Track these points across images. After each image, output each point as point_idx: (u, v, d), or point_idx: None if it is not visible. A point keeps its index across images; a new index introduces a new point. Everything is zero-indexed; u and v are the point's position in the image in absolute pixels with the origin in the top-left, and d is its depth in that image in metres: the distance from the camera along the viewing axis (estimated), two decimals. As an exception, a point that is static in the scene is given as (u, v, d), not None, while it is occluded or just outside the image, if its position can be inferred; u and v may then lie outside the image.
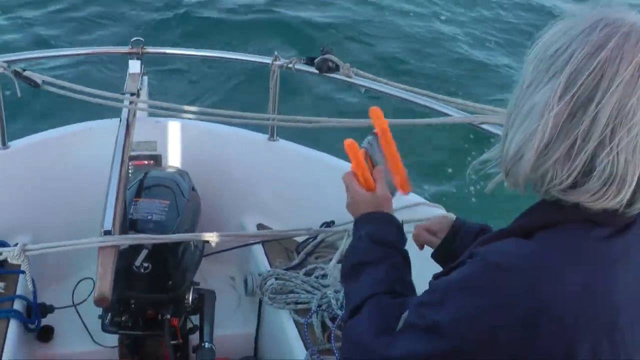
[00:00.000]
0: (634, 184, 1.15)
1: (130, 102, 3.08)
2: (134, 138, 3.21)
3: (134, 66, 3.40)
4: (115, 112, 3.16)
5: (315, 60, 2.91)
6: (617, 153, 1.13)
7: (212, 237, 2.31)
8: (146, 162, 3.34)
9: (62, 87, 2.92)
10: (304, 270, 2.87)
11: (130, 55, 3.39)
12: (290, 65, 3.03)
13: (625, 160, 1.13)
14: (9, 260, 2.36)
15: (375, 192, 1.70)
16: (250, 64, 3.71)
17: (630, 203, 1.18)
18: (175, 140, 3.46)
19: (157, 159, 3.37)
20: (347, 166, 3.36)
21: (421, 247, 1.85)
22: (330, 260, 2.65)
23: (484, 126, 2.60)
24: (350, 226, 1.78)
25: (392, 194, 1.74)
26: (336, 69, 2.89)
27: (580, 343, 1.18)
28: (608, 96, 1.12)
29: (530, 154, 1.19)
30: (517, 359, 1.20)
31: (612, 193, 1.15)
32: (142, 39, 3.42)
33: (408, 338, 1.33)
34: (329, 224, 3.02)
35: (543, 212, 1.26)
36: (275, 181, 3.40)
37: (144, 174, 2.92)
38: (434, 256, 1.81)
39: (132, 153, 3.28)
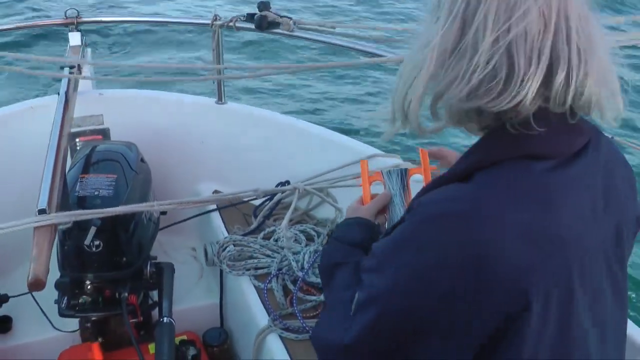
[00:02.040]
0: (534, 77, 1.10)
1: (71, 73, 2.98)
2: (79, 113, 3.10)
3: (74, 38, 3.28)
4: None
5: (255, 17, 2.81)
6: (508, 49, 1.10)
7: (152, 207, 2.19)
8: (93, 137, 3.23)
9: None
10: (262, 234, 2.79)
11: (68, 28, 3.27)
12: (231, 24, 2.92)
13: (518, 56, 1.09)
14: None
15: (363, 205, 1.69)
16: (190, 25, 3.60)
17: (547, 98, 1.12)
18: (122, 112, 3.34)
19: (104, 133, 3.25)
20: (298, 124, 3.29)
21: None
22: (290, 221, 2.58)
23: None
24: (302, 184, 1.72)
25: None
26: (276, 25, 2.78)
27: (533, 287, 1.11)
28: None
29: (425, 73, 1.17)
30: (471, 316, 1.13)
31: (512, 90, 1.10)
32: (76, 8, 3.30)
33: (358, 316, 1.27)
34: (284, 184, 2.94)
35: (479, 152, 1.20)
36: (227, 145, 3.32)
37: (90, 149, 2.81)
38: None
39: (79, 129, 3.17)
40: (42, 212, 2.10)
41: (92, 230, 2.31)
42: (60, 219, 2.13)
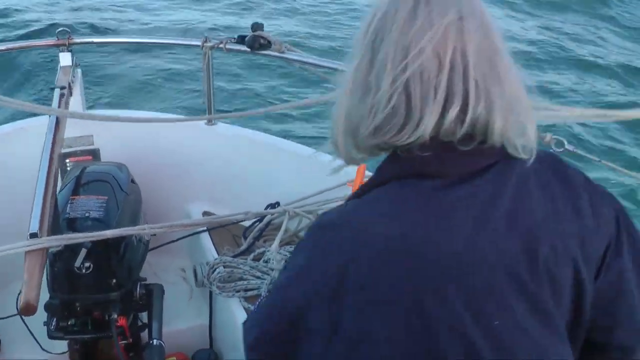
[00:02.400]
0: (431, 114, 1.16)
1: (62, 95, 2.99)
2: (70, 133, 3.11)
3: (65, 59, 3.30)
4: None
5: (246, 39, 2.83)
6: (406, 87, 1.16)
7: (143, 230, 2.18)
8: (83, 158, 3.24)
9: None
10: (252, 255, 2.80)
11: (59, 48, 3.28)
12: (221, 46, 2.95)
13: (415, 94, 1.16)
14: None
15: None
16: (181, 47, 3.62)
17: (436, 134, 1.18)
18: (112, 132, 3.35)
19: (94, 153, 3.27)
20: (288, 145, 3.31)
21: None
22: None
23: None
24: (291, 207, 1.74)
25: None
26: (268, 45, 2.81)
27: (388, 302, 1.18)
28: (389, 36, 1.18)
29: (341, 113, 1.27)
30: (336, 318, 1.20)
31: (411, 127, 1.17)
32: (67, 29, 3.31)
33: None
34: (274, 206, 2.95)
35: (377, 172, 1.28)
36: (217, 166, 3.33)
37: (80, 170, 2.82)
38: None
39: (69, 149, 3.18)
40: (33, 236, 2.10)
41: (83, 252, 2.32)
42: (52, 243, 2.13)
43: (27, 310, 1.95)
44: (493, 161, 1.23)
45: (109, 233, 2.28)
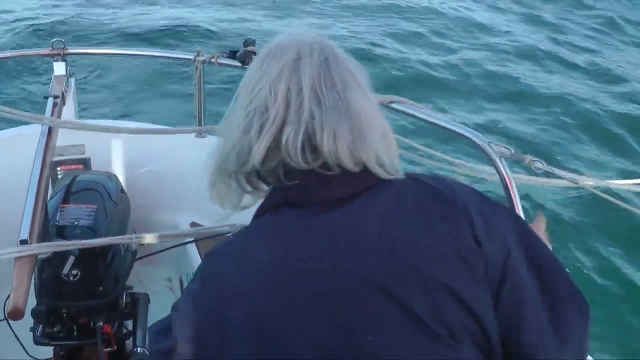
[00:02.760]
0: (261, 143, 1.34)
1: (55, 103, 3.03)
2: (61, 142, 3.14)
3: (59, 68, 3.34)
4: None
5: (238, 54, 2.88)
6: (249, 119, 1.36)
7: (130, 240, 2.23)
8: (74, 167, 3.27)
9: None
10: (238, 265, 2.84)
11: (54, 58, 3.33)
12: (213, 60, 3.00)
13: (254, 125, 1.35)
14: None
15: None
16: (174, 60, 3.67)
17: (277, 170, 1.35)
18: (103, 142, 3.39)
19: (85, 163, 3.31)
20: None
21: None
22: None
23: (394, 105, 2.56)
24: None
25: None
26: (260, 60, 2.86)
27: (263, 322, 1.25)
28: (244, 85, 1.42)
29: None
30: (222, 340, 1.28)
31: (248, 155, 1.37)
32: (62, 39, 3.36)
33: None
34: (260, 218, 2.99)
35: (260, 204, 1.43)
36: (206, 178, 3.36)
37: (71, 179, 2.86)
38: None
39: (60, 158, 3.21)
40: (23, 242, 2.14)
41: (71, 259, 2.36)
42: (41, 250, 2.17)
43: (15, 315, 1.99)
44: (361, 189, 1.34)
45: (97, 241, 2.32)
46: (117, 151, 3.37)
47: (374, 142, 1.34)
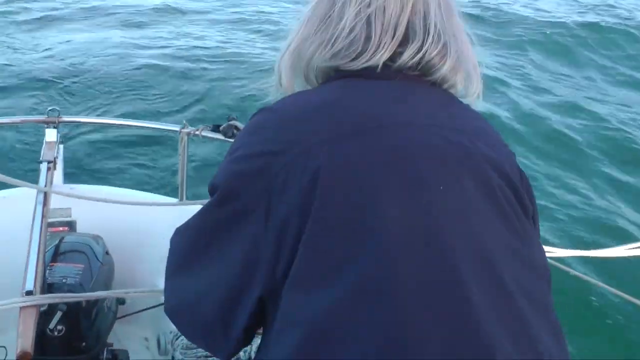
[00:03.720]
0: (386, 48, 1.28)
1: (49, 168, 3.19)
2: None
3: (51, 135, 3.51)
4: (29, 179, 3.24)
5: (221, 127, 3.09)
6: (368, 19, 1.28)
7: (127, 293, 2.42)
8: (61, 229, 3.43)
9: None
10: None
11: (47, 125, 3.51)
12: (197, 133, 3.20)
13: (375, 27, 1.28)
14: None
15: None
16: (160, 131, 3.86)
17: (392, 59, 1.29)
18: (89, 206, 3.56)
19: (71, 225, 3.46)
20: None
21: None
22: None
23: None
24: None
25: None
26: (242, 134, 3.05)
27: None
28: None
29: (298, 38, 1.37)
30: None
31: (366, 56, 1.28)
32: (58, 108, 3.55)
33: None
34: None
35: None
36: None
37: (60, 239, 3.03)
38: None
39: (48, 219, 3.37)
40: (29, 293, 2.27)
41: (58, 314, 2.51)
42: (45, 301, 2.32)
43: (24, 358, 2.13)
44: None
45: (95, 294, 2.52)
46: (102, 214, 3.54)
47: (468, 67, 1.35)
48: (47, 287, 2.63)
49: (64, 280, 2.67)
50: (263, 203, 1.17)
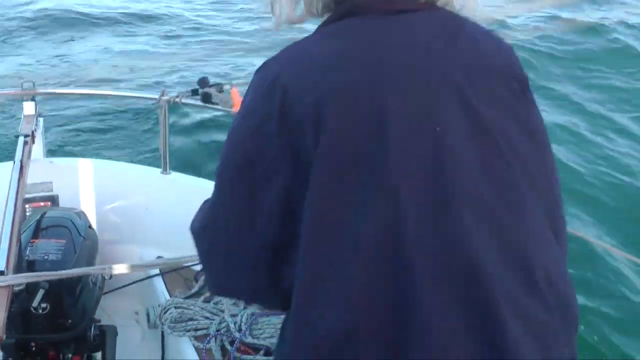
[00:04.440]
0: None
1: (26, 142, 3.11)
2: (29, 180, 3.23)
3: (29, 108, 3.42)
4: (8, 155, 3.16)
5: (200, 91, 2.99)
6: None
7: (104, 270, 2.32)
8: (42, 204, 3.36)
9: None
10: (202, 297, 2.93)
11: (23, 98, 3.42)
12: (177, 100, 3.11)
13: None
14: None
15: None
16: (139, 99, 3.78)
17: None
18: (70, 180, 3.48)
19: (53, 200, 3.39)
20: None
21: None
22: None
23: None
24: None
25: None
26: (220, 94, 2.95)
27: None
28: None
29: None
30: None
31: None
32: (33, 81, 3.45)
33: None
34: (224, 251, 3.08)
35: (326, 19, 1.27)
36: (171, 213, 3.45)
37: (41, 214, 2.95)
38: None
39: (28, 195, 3.29)
40: (0, 273, 2.21)
41: (40, 292, 2.44)
42: (17, 281, 2.22)
43: None
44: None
45: (70, 272, 2.40)
46: (84, 188, 3.46)
47: None
48: (28, 265, 2.56)
49: (45, 257, 2.60)
50: (287, 156, 1.12)
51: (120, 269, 2.26)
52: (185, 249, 3.27)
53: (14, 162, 2.95)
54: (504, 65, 1.22)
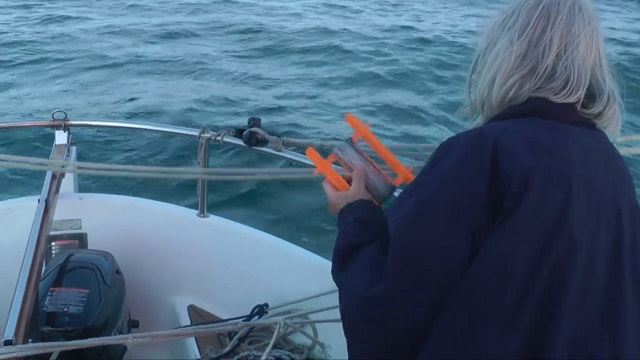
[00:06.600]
0: (587, 83, 1.49)
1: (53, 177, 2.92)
2: (58, 216, 3.02)
3: (61, 137, 3.24)
4: (38, 190, 2.97)
5: (244, 134, 2.77)
6: (571, 62, 1.49)
7: (126, 340, 2.02)
8: (69, 242, 3.15)
9: None
10: (236, 357, 2.68)
11: (56, 128, 3.24)
12: (218, 138, 2.88)
13: (578, 67, 1.49)
14: None
15: (348, 191, 1.73)
16: (178, 135, 3.56)
17: (586, 105, 1.50)
18: (101, 218, 3.27)
19: (81, 238, 3.19)
20: (280, 243, 3.21)
21: None
22: (266, 345, 2.46)
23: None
24: (281, 317, 1.95)
25: (388, 193, 1.75)
26: (265, 142, 2.74)
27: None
28: (555, 26, 1.51)
29: (501, 75, 1.54)
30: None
31: (571, 90, 1.48)
32: (64, 111, 3.27)
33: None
34: (262, 307, 2.85)
35: (504, 113, 1.55)
36: (206, 259, 3.23)
37: (65, 258, 2.74)
38: None
39: (55, 232, 3.09)
40: (7, 343, 1.93)
41: (55, 354, 2.21)
42: (25, 352, 1.94)
43: None
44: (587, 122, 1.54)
45: (88, 342, 2.05)
46: (115, 227, 3.25)
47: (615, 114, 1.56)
48: (47, 317, 2.35)
49: (65, 310, 2.39)
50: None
51: (142, 339, 1.98)
52: (219, 298, 3.07)
53: (39, 199, 2.75)
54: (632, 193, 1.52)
